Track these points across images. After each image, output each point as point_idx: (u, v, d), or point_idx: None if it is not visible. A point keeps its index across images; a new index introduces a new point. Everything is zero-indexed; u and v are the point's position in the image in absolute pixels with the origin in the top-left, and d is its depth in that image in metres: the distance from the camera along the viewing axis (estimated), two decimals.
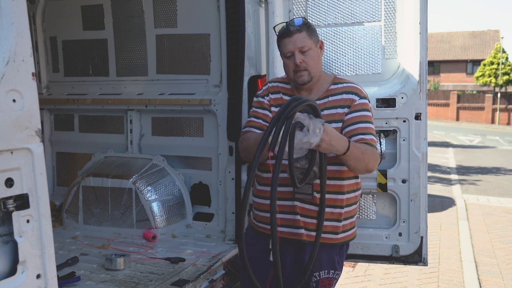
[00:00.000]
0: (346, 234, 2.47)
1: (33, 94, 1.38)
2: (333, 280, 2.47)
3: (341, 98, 2.38)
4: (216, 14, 3.40)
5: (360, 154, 2.21)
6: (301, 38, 2.30)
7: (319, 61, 2.39)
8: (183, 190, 3.58)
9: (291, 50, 2.32)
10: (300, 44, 2.30)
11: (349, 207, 2.43)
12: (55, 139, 4.13)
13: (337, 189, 2.36)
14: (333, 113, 2.36)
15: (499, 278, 5.29)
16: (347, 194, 2.40)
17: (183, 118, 3.66)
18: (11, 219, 1.35)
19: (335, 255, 2.46)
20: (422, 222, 2.90)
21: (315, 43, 2.36)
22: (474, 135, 26.13)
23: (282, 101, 2.41)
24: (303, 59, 2.32)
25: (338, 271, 2.49)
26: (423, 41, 2.80)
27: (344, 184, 2.39)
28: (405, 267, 5.29)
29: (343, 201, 2.39)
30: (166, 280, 2.51)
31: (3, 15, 1.31)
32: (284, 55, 2.38)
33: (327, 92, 2.42)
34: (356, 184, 2.46)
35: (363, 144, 2.25)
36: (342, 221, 2.41)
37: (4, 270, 1.37)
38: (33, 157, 1.39)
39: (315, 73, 2.37)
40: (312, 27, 2.38)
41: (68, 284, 2.47)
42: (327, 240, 2.40)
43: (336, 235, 2.42)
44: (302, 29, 2.31)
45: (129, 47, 3.83)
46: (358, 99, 2.37)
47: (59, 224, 3.58)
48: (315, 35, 2.38)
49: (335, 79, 2.47)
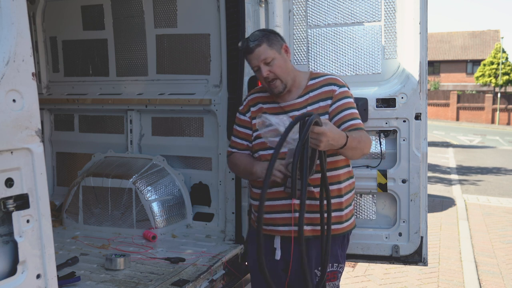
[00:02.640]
0: (349, 223, 2.53)
1: (33, 94, 1.38)
2: (337, 273, 2.51)
3: (322, 91, 2.45)
4: (216, 14, 3.40)
5: (357, 143, 2.29)
6: (262, 51, 2.34)
7: (287, 66, 2.43)
8: (183, 190, 3.58)
9: (256, 65, 2.38)
10: (263, 57, 2.34)
11: (347, 195, 2.50)
12: (55, 139, 4.13)
13: (334, 180, 2.42)
14: (316, 107, 2.43)
15: (499, 278, 5.29)
16: (344, 182, 2.47)
17: (183, 118, 3.66)
18: (11, 219, 1.35)
19: (337, 248, 2.50)
20: (422, 222, 2.90)
21: (278, 51, 2.38)
22: (474, 135, 26.12)
23: (261, 111, 2.49)
24: (269, 70, 2.36)
25: (341, 264, 2.53)
26: (423, 41, 2.80)
27: (340, 174, 2.46)
28: (405, 267, 5.29)
29: (341, 190, 2.46)
30: (166, 280, 2.51)
31: (3, 15, 1.31)
32: (252, 70, 2.45)
33: (306, 89, 2.48)
34: (348, 172, 2.54)
35: (357, 132, 2.32)
36: (344, 209, 2.47)
37: (4, 270, 1.37)
38: (33, 157, 1.39)
39: (286, 78, 2.41)
40: (271, 36, 2.39)
41: (68, 284, 2.46)
42: (334, 231, 2.42)
43: (341, 225, 2.48)
44: (261, 42, 2.34)
45: (129, 47, 3.83)
46: (338, 88, 2.45)
47: (59, 224, 3.58)
48: (276, 43, 2.40)
49: (311, 74, 2.54)
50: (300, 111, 2.40)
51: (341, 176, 2.45)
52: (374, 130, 2.94)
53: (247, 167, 2.48)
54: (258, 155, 2.50)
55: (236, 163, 2.57)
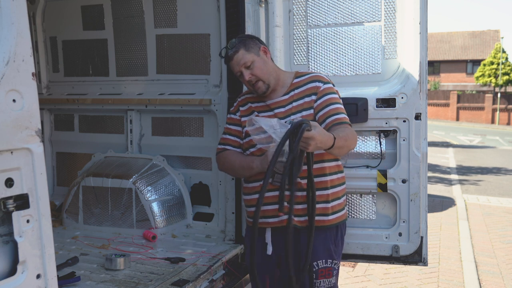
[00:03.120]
0: (337, 216, 2.54)
1: (33, 94, 1.38)
2: (332, 270, 2.52)
3: (306, 88, 2.53)
4: (216, 14, 3.40)
5: (344, 142, 2.33)
6: (241, 56, 2.45)
7: (267, 67, 2.50)
8: (183, 190, 3.58)
9: (238, 71, 2.49)
10: (242, 62, 2.45)
11: (334, 189, 2.53)
12: (55, 139, 4.13)
13: (319, 172, 2.46)
14: (301, 103, 2.50)
15: (499, 278, 5.29)
16: (330, 176, 2.51)
17: (183, 118, 3.66)
18: (11, 219, 1.35)
19: (330, 244, 2.52)
20: (422, 222, 2.90)
21: (257, 54, 2.48)
22: (474, 135, 26.12)
23: (250, 110, 2.60)
24: (251, 73, 2.46)
25: (336, 260, 2.54)
26: (423, 41, 2.80)
27: (325, 167, 2.49)
28: (405, 267, 5.29)
29: (327, 182, 2.50)
30: (166, 280, 2.51)
31: (3, 15, 1.31)
32: (236, 76, 2.56)
33: (291, 86, 2.56)
34: (337, 166, 2.58)
35: (343, 130, 2.37)
36: (330, 202, 2.50)
37: (4, 270, 1.37)
38: (33, 157, 1.39)
39: (268, 78, 2.50)
40: (248, 41, 2.50)
41: (68, 284, 2.46)
42: (320, 223, 2.46)
43: (327, 217, 2.50)
44: (238, 48, 2.46)
45: (129, 47, 3.83)
46: (323, 85, 2.52)
47: (59, 224, 3.58)
48: (254, 46, 2.49)
49: (297, 73, 2.62)
50: (286, 107, 2.50)
51: (326, 169, 2.49)
52: (374, 130, 2.94)
53: (244, 163, 2.52)
54: (249, 153, 2.56)
55: (231, 159, 2.59)
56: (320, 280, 2.49)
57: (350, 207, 3.04)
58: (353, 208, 3.05)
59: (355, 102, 2.86)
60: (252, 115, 2.54)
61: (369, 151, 3.00)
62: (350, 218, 3.00)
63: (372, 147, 2.99)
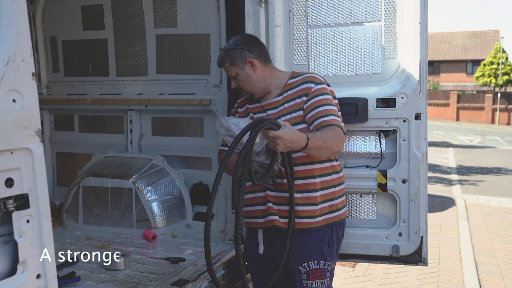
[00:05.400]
0: (326, 217, 2.49)
1: (33, 94, 1.38)
2: (324, 271, 2.49)
3: (299, 89, 2.51)
4: (216, 14, 3.40)
5: (322, 143, 2.27)
6: (227, 68, 2.53)
7: (250, 80, 2.51)
8: (183, 190, 3.58)
9: (228, 76, 2.59)
10: (229, 73, 2.54)
11: (324, 191, 2.48)
12: (55, 139, 4.13)
13: (307, 174, 2.44)
14: (292, 104, 2.49)
15: (499, 278, 5.29)
16: (319, 177, 2.46)
17: (183, 118, 3.66)
18: (11, 219, 1.35)
19: (323, 245, 2.49)
20: (422, 222, 2.90)
21: (241, 68, 2.50)
22: (474, 135, 26.13)
23: (247, 111, 2.61)
24: (236, 83, 2.55)
25: (329, 261, 2.50)
26: (423, 41, 2.80)
27: (314, 168, 2.46)
28: (405, 267, 5.29)
29: (316, 184, 2.46)
30: (166, 280, 2.51)
31: (3, 15, 1.31)
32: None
33: (285, 87, 2.55)
34: (332, 167, 2.52)
35: (324, 132, 2.31)
36: (319, 204, 2.46)
37: (4, 270, 1.37)
38: (33, 157, 1.39)
39: (251, 90, 2.53)
40: (233, 54, 2.49)
41: (68, 284, 2.46)
42: (307, 225, 2.45)
43: (315, 219, 2.47)
44: (224, 61, 2.52)
45: (129, 47, 3.83)
46: (315, 85, 2.48)
47: (59, 224, 3.58)
48: (239, 60, 2.49)
49: (293, 73, 2.61)
50: (278, 109, 2.50)
51: (315, 171, 2.45)
52: (374, 130, 2.94)
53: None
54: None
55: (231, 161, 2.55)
56: (312, 281, 2.47)
57: (350, 207, 3.04)
58: (353, 208, 3.05)
59: (355, 102, 2.86)
60: (248, 116, 2.56)
61: (369, 151, 3.00)
62: (350, 218, 3.00)
63: (372, 147, 2.99)
